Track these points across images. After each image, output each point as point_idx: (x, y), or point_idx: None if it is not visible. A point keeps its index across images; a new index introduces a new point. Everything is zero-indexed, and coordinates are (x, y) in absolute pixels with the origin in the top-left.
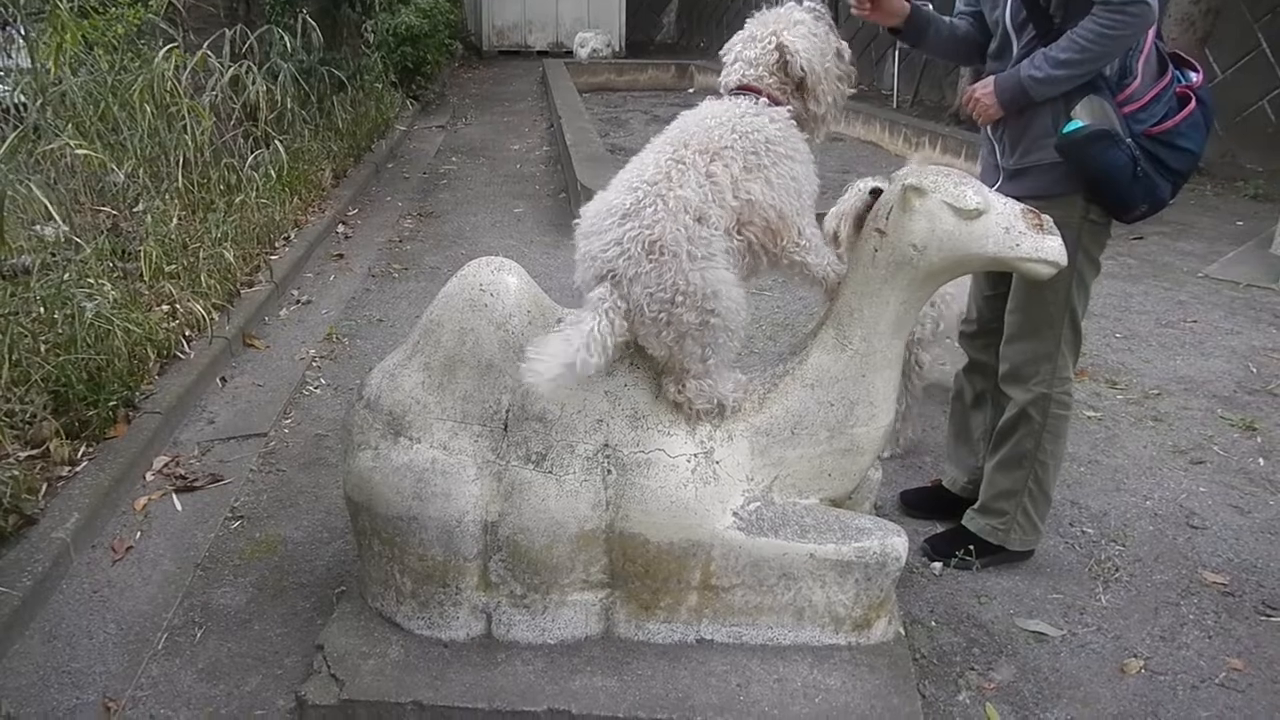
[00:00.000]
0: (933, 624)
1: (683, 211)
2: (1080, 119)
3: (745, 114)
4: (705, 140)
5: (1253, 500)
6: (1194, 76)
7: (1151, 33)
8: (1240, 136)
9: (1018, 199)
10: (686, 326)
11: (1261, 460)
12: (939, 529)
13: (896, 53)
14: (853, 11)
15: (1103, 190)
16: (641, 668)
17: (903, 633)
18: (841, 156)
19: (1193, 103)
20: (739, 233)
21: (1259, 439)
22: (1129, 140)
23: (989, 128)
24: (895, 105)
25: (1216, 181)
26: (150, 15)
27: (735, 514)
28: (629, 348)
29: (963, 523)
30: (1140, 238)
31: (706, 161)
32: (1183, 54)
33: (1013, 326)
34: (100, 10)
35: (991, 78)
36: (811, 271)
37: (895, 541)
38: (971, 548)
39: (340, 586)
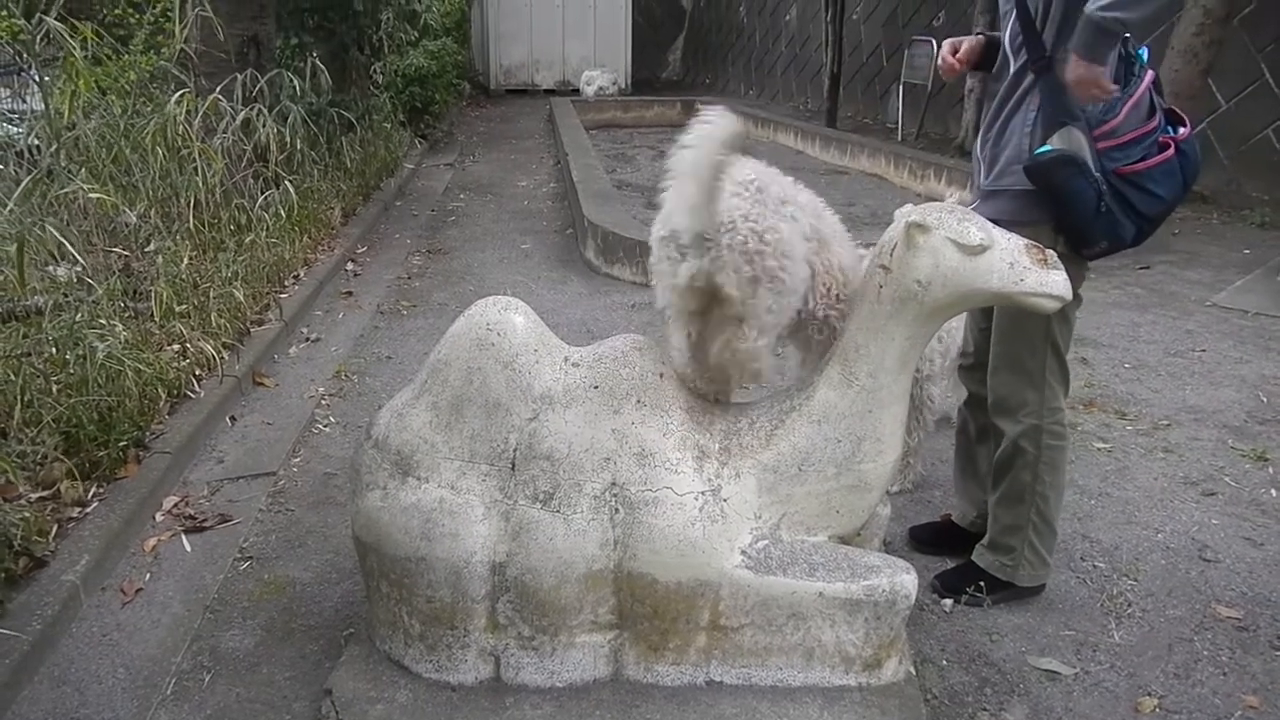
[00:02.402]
0: (944, 663)
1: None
2: (1052, 145)
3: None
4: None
5: (1266, 532)
6: (1181, 130)
7: (1148, 80)
8: (1245, 165)
9: (990, 220)
10: (766, 271)
11: (1274, 491)
12: (949, 564)
13: (900, 87)
14: (944, 76)
15: (1065, 219)
16: (650, 711)
17: (914, 672)
18: (847, 190)
19: (1170, 150)
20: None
21: (1271, 470)
22: (1098, 175)
23: (977, 147)
24: (900, 138)
25: (1222, 210)
26: (163, 62)
27: (744, 552)
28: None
29: (972, 558)
30: (1146, 267)
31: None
32: (1176, 109)
33: (996, 358)
34: (114, 57)
35: (1071, 58)
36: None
37: (905, 579)
38: (982, 584)
39: (348, 629)
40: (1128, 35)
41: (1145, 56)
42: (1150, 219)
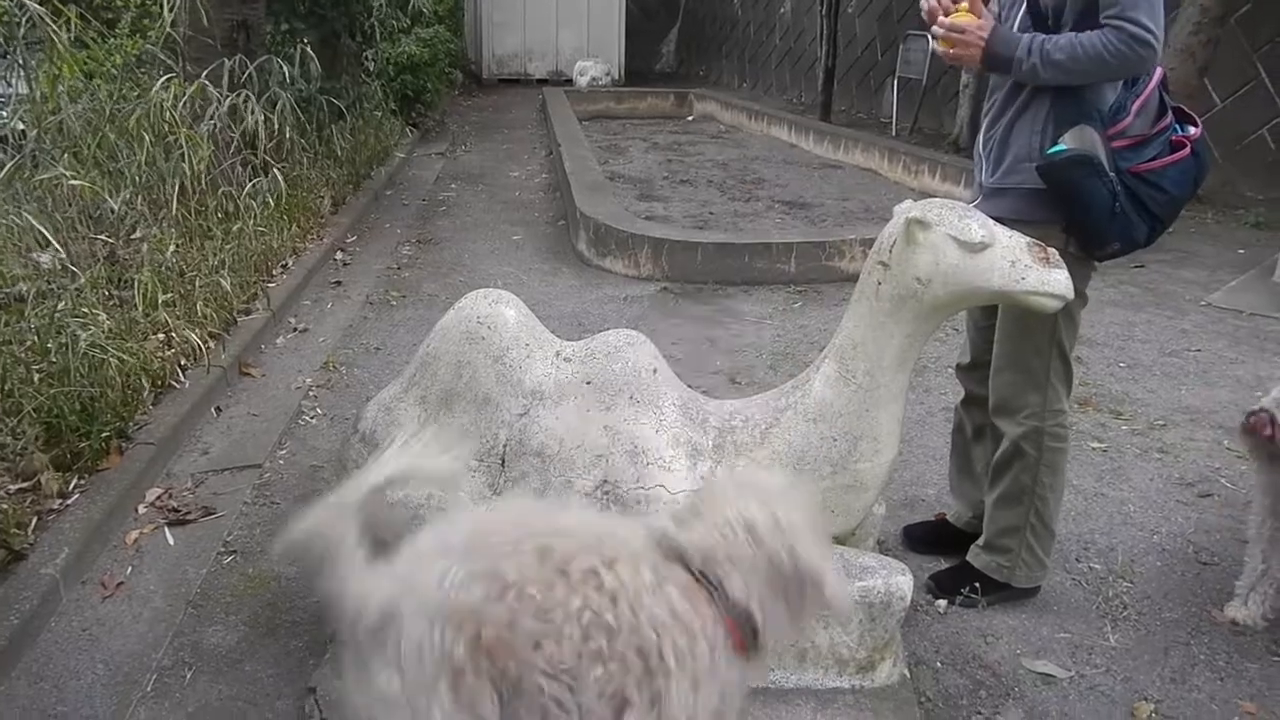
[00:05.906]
0: (938, 665)
1: None
2: (1066, 144)
3: None
4: None
5: None
6: (1192, 130)
7: (1156, 78)
8: (1241, 165)
9: (994, 219)
10: None
11: None
12: (944, 565)
13: (895, 82)
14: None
15: (1079, 220)
16: None
17: (908, 675)
18: (841, 184)
19: (1186, 149)
20: None
21: None
22: (1112, 174)
23: (980, 142)
24: (894, 133)
25: (1218, 209)
26: (149, 46)
27: None
28: None
29: (967, 559)
30: (1141, 266)
31: None
32: (1185, 109)
33: (1000, 358)
34: (99, 40)
35: (994, 25)
36: None
37: (900, 581)
38: (977, 585)
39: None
40: None
41: None
42: (1162, 219)
